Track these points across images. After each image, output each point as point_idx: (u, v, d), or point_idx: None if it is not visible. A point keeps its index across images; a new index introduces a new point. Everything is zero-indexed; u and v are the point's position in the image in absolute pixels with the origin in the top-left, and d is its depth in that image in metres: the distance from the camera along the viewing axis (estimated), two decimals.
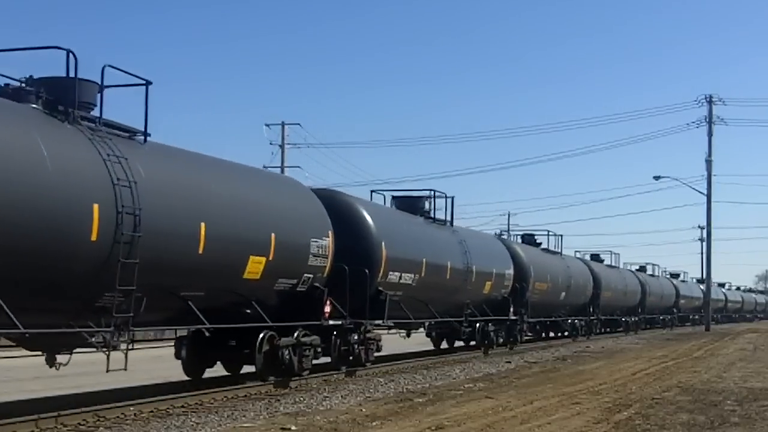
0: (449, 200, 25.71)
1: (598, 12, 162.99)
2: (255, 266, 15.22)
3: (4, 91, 12.13)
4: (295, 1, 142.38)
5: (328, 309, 17.57)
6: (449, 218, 25.91)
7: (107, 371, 12.16)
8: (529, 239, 36.34)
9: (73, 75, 12.41)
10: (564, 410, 13.72)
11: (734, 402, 15.15)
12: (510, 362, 24.39)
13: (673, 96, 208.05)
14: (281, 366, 16.50)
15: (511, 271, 29.45)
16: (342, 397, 15.33)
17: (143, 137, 13.51)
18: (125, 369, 12.42)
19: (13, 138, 10.84)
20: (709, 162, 60.28)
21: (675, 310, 61.09)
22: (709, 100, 60.85)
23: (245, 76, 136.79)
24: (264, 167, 26.08)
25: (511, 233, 36.64)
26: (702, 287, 70.59)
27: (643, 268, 58.04)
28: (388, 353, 24.05)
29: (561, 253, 37.94)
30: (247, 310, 15.78)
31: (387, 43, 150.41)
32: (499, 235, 34.53)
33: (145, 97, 13.55)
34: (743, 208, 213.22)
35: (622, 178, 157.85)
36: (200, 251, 13.69)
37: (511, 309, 29.04)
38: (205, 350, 16.64)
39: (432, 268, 22.70)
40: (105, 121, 12.87)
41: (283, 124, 56.21)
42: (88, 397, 13.75)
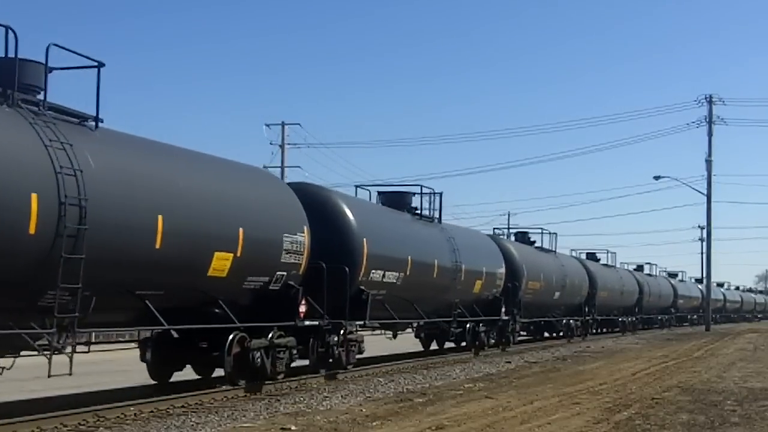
0: (437, 196, 24.92)
1: (598, 12, 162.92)
2: (221, 263, 14.28)
3: None
4: (295, 1, 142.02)
5: (303, 309, 16.73)
6: (437, 215, 25.06)
7: (48, 376, 11.37)
8: (522, 237, 35.47)
9: (13, 55, 11.59)
10: (564, 410, 13.69)
11: (734, 402, 15.13)
12: (510, 362, 24.29)
13: (673, 96, 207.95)
14: (252, 369, 15.71)
15: (502, 270, 28.59)
16: (342, 397, 15.33)
17: (94, 123, 12.56)
18: (70, 374, 11.61)
19: None
20: (709, 162, 60.17)
21: (673, 311, 60.37)
22: (709, 100, 60.84)
23: (245, 76, 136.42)
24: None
25: (505, 232, 35.69)
26: (700, 287, 70.88)
27: (640, 268, 57.39)
28: (374, 355, 23.79)
29: (555, 252, 36.94)
30: (217, 310, 14.88)
31: (387, 43, 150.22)
32: (494, 233, 33.55)
33: (96, 80, 12.69)
34: (743, 208, 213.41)
35: (622, 178, 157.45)
36: (157, 246, 12.72)
37: (503, 309, 28.24)
38: (173, 352, 15.81)
39: (418, 266, 21.76)
40: (50, 105, 12.00)
41: (283, 124, 56.14)
42: (88, 397, 13.74)
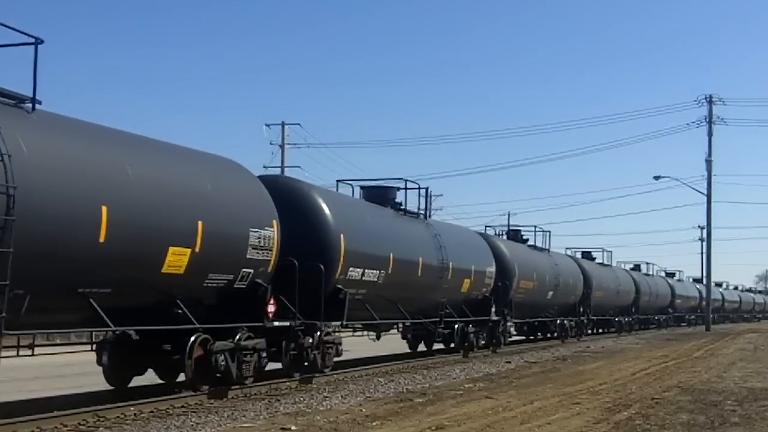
0: (423, 191, 23.85)
1: (598, 12, 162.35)
2: (177, 259, 13.19)
3: None
4: (294, 1, 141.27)
5: (272, 308, 15.63)
6: (423, 211, 23.95)
7: None
8: (514, 235, 34.32)
9: None
10: (564, 410, 13.63)
11: (734, 402, 14.99)
12: (510, 362, 24.12)
13: (673, 96, 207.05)
14: (216, 373, 14.65)
15: (492, 269, 27.46)
16: (342, 397, 15.23)
17: (31, 105, 11.52)
18: None
19: None
20: (709, 162, 60.00)
21: (670, 310, 59.50)
22: (709, 100, 60.72)
23: (245, 76, 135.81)
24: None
25: (497, 230, 34.22)
26: (698, 287, 70.72)
27: (637, 267, 56.44)
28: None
29: (549, 250, 35.85)
30: (178, 311, 13.84)
31: (387, 43, 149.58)
32: (485, 231, 32.26)
33: (34, 59, 11.70)
34: (743, 208, 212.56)
35: (622, 178, 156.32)
36: (101, 240, 11.65)
37: (493, 309, 27.18)
38: (133, 356, 14.76)
39: (401, 264, 20.62)
40: None
41: (283, 124, 55.92)
42: (88, 397, 13.61)
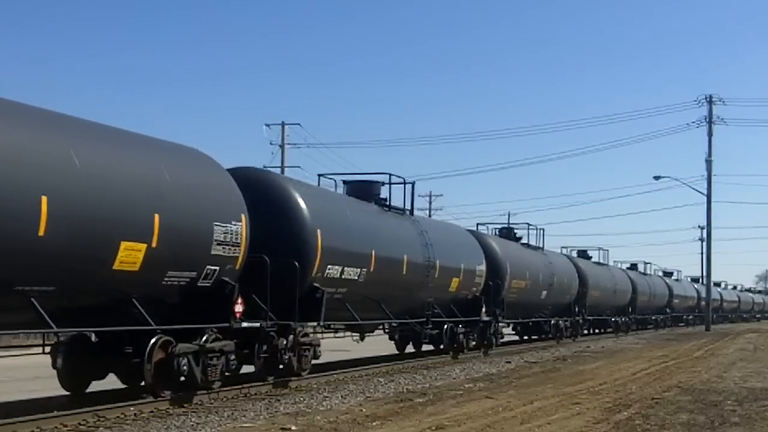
0: (409, 187, 22.87)
1: (598, 12, 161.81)
2: (130, 254, 12.22)
3: None
4: (295, 1, 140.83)
5: (239, 308, 14.68)
6: (409, 207, 22.95)
7: None
8: (507, 233, 33.25)
9: None
10: (564, 410, 13.64)
11: (734, 402, 14.96)
12: (510, 362, 24.19)
13: (673, 96, 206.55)
14: (178, 378, 13.69)
15: (483, 267, 26.47)
16: (342, 397, 15.22)
17: None
18: None
19: None
20: (709, 162, 59.97)
21: (668, 310, 58.75)
22: (709, 100, 60.70)
23: (245, 76, 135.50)
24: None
25: (490, 227, 32.85)
26: (696, 286, 70.61)
27: (634, 266, 55.69)
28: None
29: (543, 249, 34.78)
30: (136, 311, 12.89)
31: (387, 43, 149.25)
32: (477, 228, 31.29)
33: None
34: (743, 208, 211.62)
35: (622, 178, 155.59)
36: (41, 233, 10.71)
37: (484, 309, 26.22)
38: (91, 359, 13.83)
39: (383, 261, 19.65)
40: None
41: (283, 124, 55.98)
42: (88, 397, 13.53)
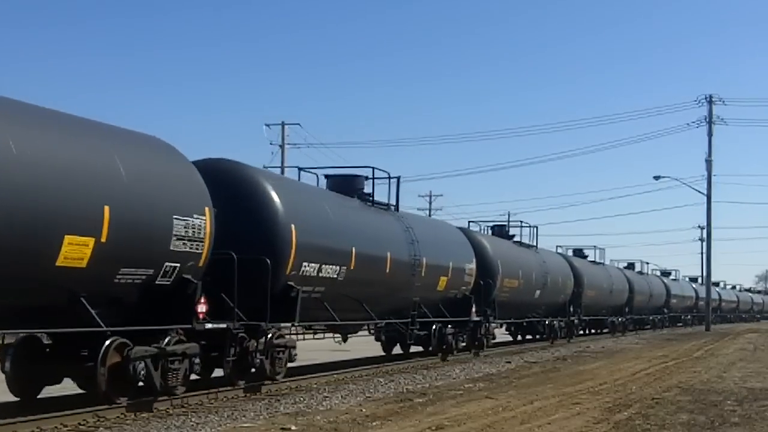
0: (394, 180, 21.75)
1: (598, 12, 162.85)
2: (76, 250, 11.10)
3: None
4: (295, 1, 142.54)
5: (203, 308, 13.55)
6: (394, 202, 21.84)
7: None
8: (499, 231, 31.98)
9: None
10: (564, 410, 13.64)
11: (734, 402, 15.03)
12: (510, 362, 24.24)
13: (673, 96, 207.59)
14: (135, 383, 12.57)
15: (473, 266, 25.34)
16: (342, 397, 15.15)
17: None
18: None
19: None
20: (709, 162, 59.88)
21: (666, 310, 57.66)
22: (709, 100, 60.51)
23: (245, 76, 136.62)
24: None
25: (481, 225, 31.84)
26: (694, 286, 70.26)
27: (631, 266, 54.72)
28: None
29: (536, 247, 33.65)
30: (95, 310, 11.89)
31: (387, 43, 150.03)
32: (468, 226, 30.15)
33: None
34: (743, 208, 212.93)
35: (622, 178, 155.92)
36: None
37: (474, 309, 25.14)
38: (44, 363, 12.76)
39: (365, 259, 18.54)
40: None
41: (283, 124, 55.93)
42: (88, 398, 13.18)
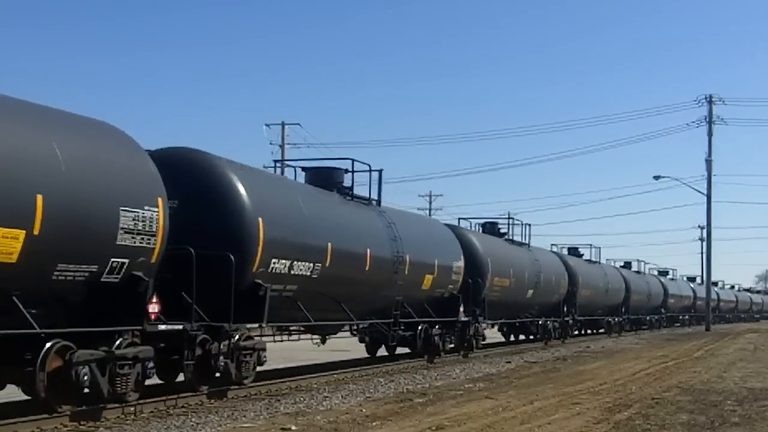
0: (376, 173, 21.01)
1: (598, 12, 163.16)
2: (4, 243, 10.29)
3: None
4: (295, 1, 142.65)
5: (155, 308, 12.58)
6: (376, 196, 21.00)
7: None
8: (491, 228, 31.10)
9: None
10: (564, 410, 13.68)
11: (734, 402, 15.04)
12: (510, 362, 24.30)
13: (673, 96, 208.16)
14: (79, 390, 11.58)
15: (460, 264, 24.41)
16: (342, 397, 15.16)
17: None
18: None
19: None
20: (709, 162, 59.88)
21: (663, 310, 57.03)
22: (709, 100, 60.57)
23: (245, 76, 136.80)
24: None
25: (472, 222, 30.86)
26: (692, 285, 70.26)
27: (628, 265, 54.18)
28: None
29: (529, 245, 32.69)
30: (32, 311, 10.97)
31: (387, 43, 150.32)
32: (459, 223, 29.23)
33: None
34: (743, 208, 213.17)
35: (622, 178, 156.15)
36: None
37: (461, 308, 24.33)
38: None
39: (342, 255, 17.73)
40: None
41: (283, 124, 56.05)
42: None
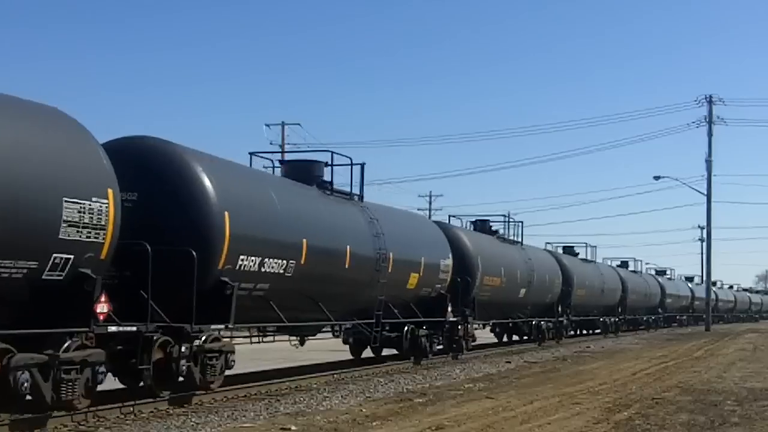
0: (358, 167, 20.30)
1: (599, 12, 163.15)
2: None
3: None
4: (295, 1, 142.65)
5: (104, 308, 11.74)
6: (358, 191, 20.29)
7: None
8: (482, 226, 30.24)
9: None
10: (564, 410, 13.68)
11: (734, 402, 15.14)
12: (510, 362, 24.32)
13: (673, 96, 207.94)
14: (18, 397, 10.69)
15: (448, 262, 23.55)
16: (342, 397, 15.15)
17: None
18: None
19: None
20: (709, 162, 59.88)
21: (660, 310, 56.25)
22: (709, 100, 60.50)
23: (245, 76, 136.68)
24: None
25: (463, 219, 29.98)
26: (690, 285, 70.09)
27: (624, 264, 53.38)
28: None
29: (522, 243, 31.85)
30: None
31: (387, 43, 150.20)
32: (449, 220, 28.81)
33: None
34: (743, 208, 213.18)
35: (622, 178, 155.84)
36: None
37: (450, 308, 23.47)
38: None
39: (319, 252, 16.86)
40: None
41: (283, 124, 55.80)
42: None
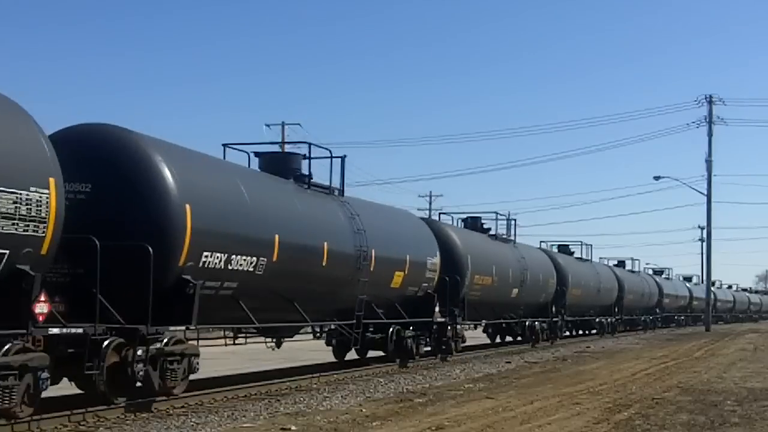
0: (338, 161, 19.58)
1: (598, 12, 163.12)
2: None
3: None
4: (295, 1, 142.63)
5: (43, 308, 10.89)
6: (339, 185, 19.53)
7: None
8: (473, 224, 29.47)
9: None
10: (564, 410, 13.71)
11: (734, 402, 15.16)
12: (510, 362, 24.36)
13: (673, 96, 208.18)
14: None
15: (436, 260, 22.89)
16: (342, 397, 15.15)
17: None
18: None
19: None
20: (709, 162, 59.80)
21: (658, 311, 55.60)
22: (709, 100, 60.43)
23: (245, 76, 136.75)
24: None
25: (453, 217, 29.45)
26: (688, 285, 69.97)
27: (621, 263, 52.82)
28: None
29: (514, 242, 31.18)
30: None
31: (387, 43, 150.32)
32: (439, 218, 28.31)
33: None
34: (743, 208, 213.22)
35: (622, 178, 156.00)
36: None
37: (437, 308, 22.86)
38: None
39: (292, 249, 16.04)
40: None
41: (283, 124, 55.68)
42: (88, 398, 12.95)
